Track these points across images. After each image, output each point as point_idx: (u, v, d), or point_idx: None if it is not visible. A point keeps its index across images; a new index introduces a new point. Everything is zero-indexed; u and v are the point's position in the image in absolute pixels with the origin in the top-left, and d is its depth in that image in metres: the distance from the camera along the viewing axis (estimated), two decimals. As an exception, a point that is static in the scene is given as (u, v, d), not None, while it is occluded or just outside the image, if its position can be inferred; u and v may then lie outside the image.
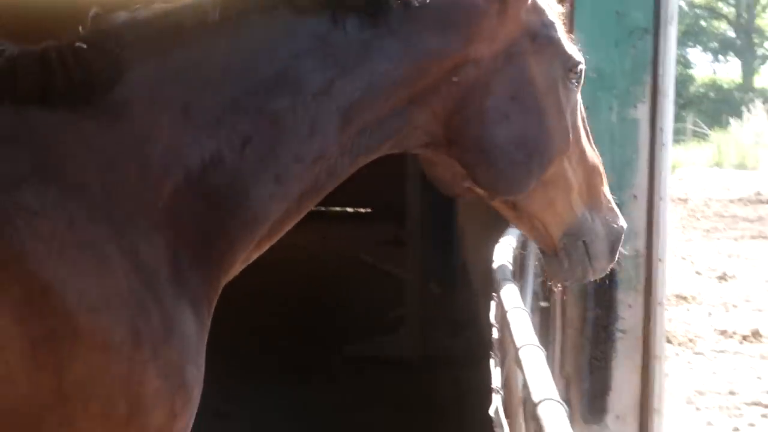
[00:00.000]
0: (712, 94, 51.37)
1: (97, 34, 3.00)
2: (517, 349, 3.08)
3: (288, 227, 3.26)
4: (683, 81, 48.82)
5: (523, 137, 3.28)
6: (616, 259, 3.61)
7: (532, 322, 5.59)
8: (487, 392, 3.53)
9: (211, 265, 3.05)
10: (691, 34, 56.11)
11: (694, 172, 29.31)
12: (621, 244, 3.57)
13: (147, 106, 2.97)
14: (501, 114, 3.26)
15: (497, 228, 4.66)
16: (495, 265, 4.12)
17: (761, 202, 24.11)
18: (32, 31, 3.08)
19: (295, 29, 3.10)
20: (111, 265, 2.81)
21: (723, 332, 13.23)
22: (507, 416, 3.37)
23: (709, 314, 14.14)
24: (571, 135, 3.38)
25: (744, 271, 17.11)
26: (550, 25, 3.35)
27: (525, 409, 3.05)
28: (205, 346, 3.01)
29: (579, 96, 3.48)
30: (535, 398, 2.59)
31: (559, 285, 3.95)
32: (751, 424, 9.89)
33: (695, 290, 15.25)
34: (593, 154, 3.52)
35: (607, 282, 5.64)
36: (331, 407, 8.20)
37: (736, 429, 9.74)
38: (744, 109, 38.59)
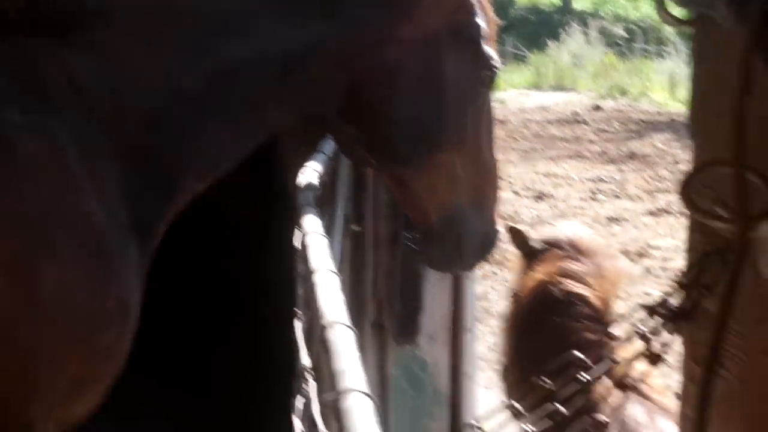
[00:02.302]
0: (531, 17, 52.04)
1: None
2: (312, 273, 3.07)
3: (230, 166, 3.40)
4: (503, 4, 49.34)
5: (419, 119, 3.52)
6: (485, 259, 3.91)
7: (344, 246, 5.62)
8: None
9: (162, 194, 3.18)
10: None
11: (514, 95, 29.76)
12: (491, 246, 3.84)
13: (123, 38, 3.09)
14: (405, 93, 3.48)
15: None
16: (299, 191, 4.09)
17: (578, 122, 24.64)
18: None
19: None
20: (83, 186, 2.90)
21: (540, 250, 13.53)
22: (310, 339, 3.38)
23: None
24: (468, 132, 3.62)
25: (560, 190, 17.53)
26: (474, 27, 3.58)
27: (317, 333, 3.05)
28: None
29: (489, 103, 3.75)
30: (324, 322, 2.58)
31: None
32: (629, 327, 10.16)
33: (512, 210, 15.55)
34: (491, 161, 3.78)
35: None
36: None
37: (549, 345, 10.02)
38: (562, 31, 39.25)
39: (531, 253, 4.14)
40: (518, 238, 4.20)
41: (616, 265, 4.19)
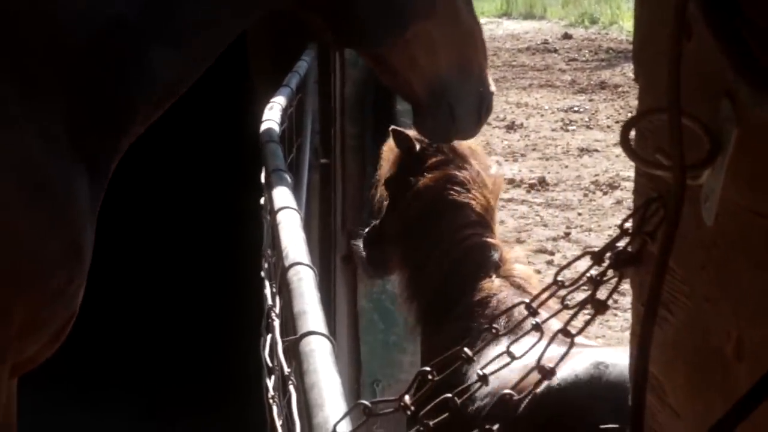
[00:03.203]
0: (502, -57, 51.58)
1: None
2: (275, 212, 3.08)
3: (183, 89, 3.28)
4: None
5: None
6: (484, 122, 3.74)
7: (313, 179, 5.62)
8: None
9: (111, 126, 3.06)
10: None
11: (484, 23, 29.62)
12: (488, 109, 3.70)
13: None
14: None
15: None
16: (262, 128, 4.08)
17: (548, 50, 24.52)
18: None
19: None
20: (16, 125, 2.81)
21: (511, 181, 13.55)
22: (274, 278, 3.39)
23: (498, 164, 14.46)
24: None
25: (532, 120, 17.52)
26: None
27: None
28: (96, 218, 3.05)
29: None
30: (285, 262, 2.60)
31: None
32: (537, 271, 10.23)
33: (483, 140, 15.53)
34: (471, 23, 3.60)
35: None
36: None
37: (522, 276, 10.07)
38: (533, -43, 38.97)
39: (411, 154, 4.32)
40: (402, 139, 4.34)
41: (495, 170, 4.48)
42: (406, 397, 1.53)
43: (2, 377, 2.91)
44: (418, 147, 4.39)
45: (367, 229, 4.67)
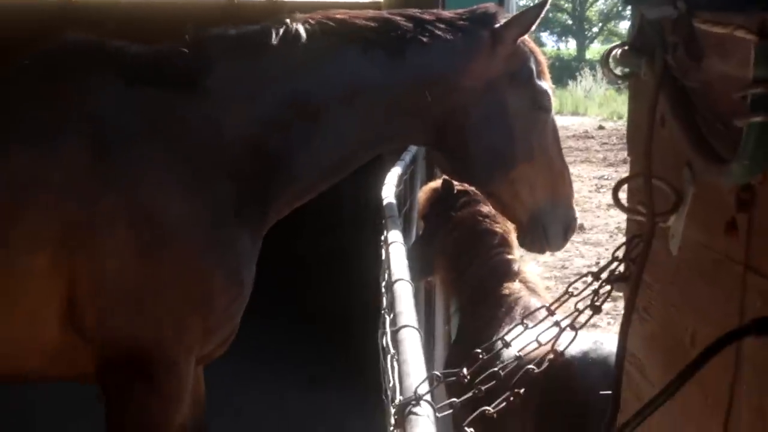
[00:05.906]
0: (557, 64, 51.22)
1: (196, 41, 3.07)
2: (388, 245, 3.07)
3: (315, 193, 3.25)
4: (537, 54, 48.44)
5: (492, 148, 3.23)
6: (569, 239, 3.55)
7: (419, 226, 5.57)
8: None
9: (262, 205, 3.06)
10: (540, 23, 55.59)
11: (543, 118, 29.35)
12: (572, 229, 3.51)
13: (225, 93, 3.00)
14: (476, 130, 3.21)
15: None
16: (383, 188, 4.06)
17: (587, 137, 24.23)
18: (147, 35, 3.26)
19: (335, 52, 3.09)
20: (198, 195, 2.86)
21: (558, 227, 13.37)
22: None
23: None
24: (535, 149, 3.31)
25: (575, 185, 17.25)
26: (527, 70, 3.30)
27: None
28: (256, 261, 3.08)
29: (553, 121, 3.43)
30: (392, 277, 2.58)
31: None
32: (576, 288, 10.06)
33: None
34: (561, 164, 3.42)
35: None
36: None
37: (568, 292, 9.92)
38: (578, 74, 38.68)
39: (450, 194, 4.31)
40: (446, 183, 4.35)
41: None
42: (464, 370, 1.54)
43: (190, 367, 2.93)
44: (455, 189, 4.37)
45: (411, 245, 4.60)
